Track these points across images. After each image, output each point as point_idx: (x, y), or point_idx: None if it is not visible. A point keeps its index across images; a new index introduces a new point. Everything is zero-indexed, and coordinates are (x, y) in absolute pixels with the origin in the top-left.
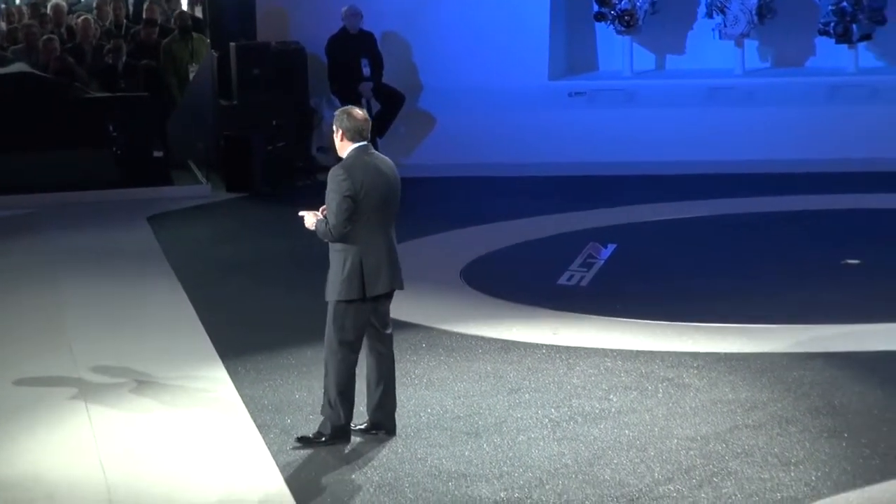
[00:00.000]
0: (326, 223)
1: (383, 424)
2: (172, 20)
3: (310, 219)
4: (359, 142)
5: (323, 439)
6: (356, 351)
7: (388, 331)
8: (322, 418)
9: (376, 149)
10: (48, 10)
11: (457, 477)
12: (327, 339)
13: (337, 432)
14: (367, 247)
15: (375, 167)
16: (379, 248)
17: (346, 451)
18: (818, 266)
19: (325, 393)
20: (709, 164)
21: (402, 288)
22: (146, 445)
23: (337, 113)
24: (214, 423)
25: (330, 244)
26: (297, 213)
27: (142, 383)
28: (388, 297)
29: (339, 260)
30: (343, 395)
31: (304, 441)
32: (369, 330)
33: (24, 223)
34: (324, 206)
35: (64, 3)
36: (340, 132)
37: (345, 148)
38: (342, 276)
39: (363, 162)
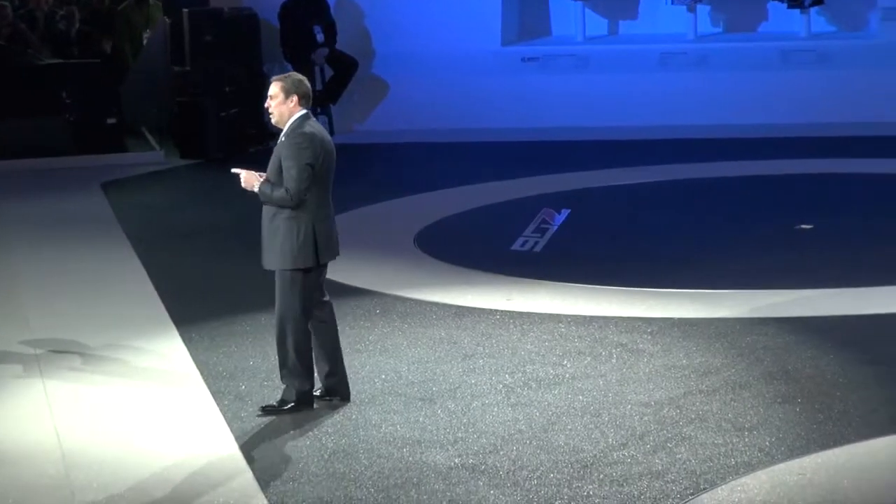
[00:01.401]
0: (274, 188)
1: (337, 391)
2: None
3: (248, 178)
4: (306, 108)
5: (287, 407)
6: (310, 317)
7: (327, 297)
8: (284, 387)
9: (329, 115)
10: None
11: (411, 443)
12: (281, 307)
13: (302, 398)
14: (318, 214)
15: (324, 135)
16: (328, 216)
17: (300, 418)
18: (771, 231)
19: (283, 362)
20: (661, 129)
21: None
22: (101, 413)
23: (287, 78)
24: (169, 389)
25: (273, 212)
26: (230, 169)
27: (96, 351)
28: (326, 265)
29: (290, 228)
30: (304, 361)
31: (268, 410)
32: None
33: None
34: (261, 174)
35: None
36: (295, 97)
37: (293, 113)
38: (295, 243)
39: (316, 129)
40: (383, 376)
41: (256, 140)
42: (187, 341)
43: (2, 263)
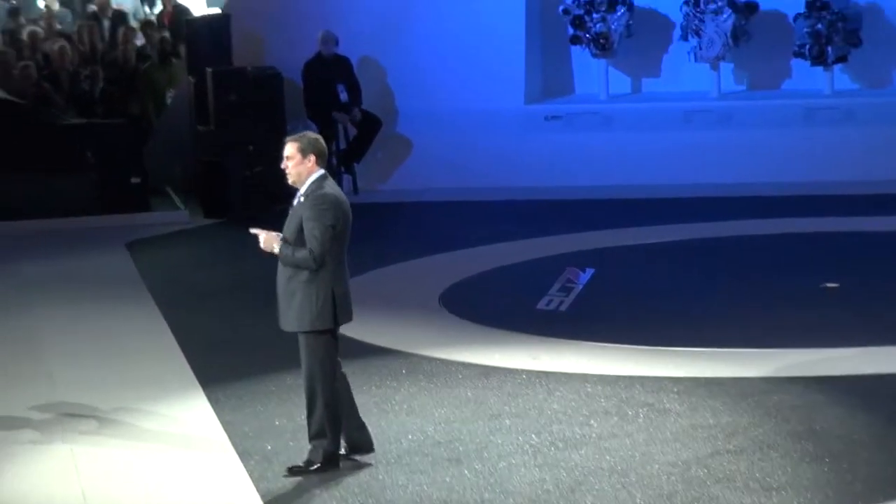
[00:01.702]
0: (296, 249)
1: (362, 445)
2: (150, 47)
3: (268, 240)
4: (323, 167)
5: (314, 467)
6: (336, 377)
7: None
8: (310, 447)
9: (353, 174)
10: (24, 37)
11: (438, 503)
12: (308, 369)
13: (329, 458)
14: (336, 276)
15: (342, 196)
16: (344, 278)
17: (327, 478)
18: (797, 289)
19: (312, 422)
20: (685, 187)
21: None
22: (127, 473)
23: (302, 137)
24: (195, 450)
25: (290, 273)
26: (249, 230)
27: (122, 410)
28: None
29: (308, 290)
30: (333, 421)
31: (294, 471)
32: None
33: (1, 250)
34: (278, 233)
35: (40, 30)
36: (313, 157)
37: (311, 172)
38: (314, 305)
39: (335, 190)
40: (410, 436)
41: (280, 199)
42: (213, 401)
43: (26, 323)
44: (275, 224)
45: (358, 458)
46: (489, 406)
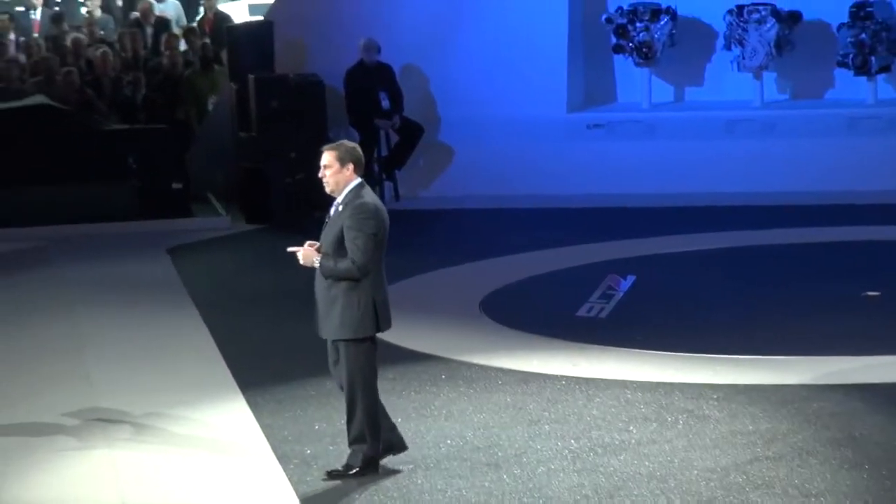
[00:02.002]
0: (337, 261)
1: (395, 444)
2: (192, 54)
3: (307, 255)
4: (360, 176)
5: (353, 472)
6: (376, 380)
7: None
8: (350, 452)
9: (395, 181)
10: (68, 44)
11: None
12: (349, 376)
13: (368, 462)
14: (376, 283)
15: (381, 204)
16: (384, 285)
17: (366, 482)
18: (838, 297)
19: (352, 427)
20: (727, 195)
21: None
22: (166, 476)
23: (340, 146)
24: (234, 453)
25: (331, 281)
26: (287, 249)
27: (161, 414)
28: None
29: (350, 298)
30: (373, 426)
31: (334, 474)
32: None
33: (43, 255)
34: (311, 243)
35: (84, 37)
36: (351, 166)
37: (348, 181)
38: (356, 313)
39: (374, 199)
40: (449, 441)
41: (322, 206)
42: (253, 406)
43: (68, 328)
44: (315, 231)
45: (392, 456)
46: (528, 412)
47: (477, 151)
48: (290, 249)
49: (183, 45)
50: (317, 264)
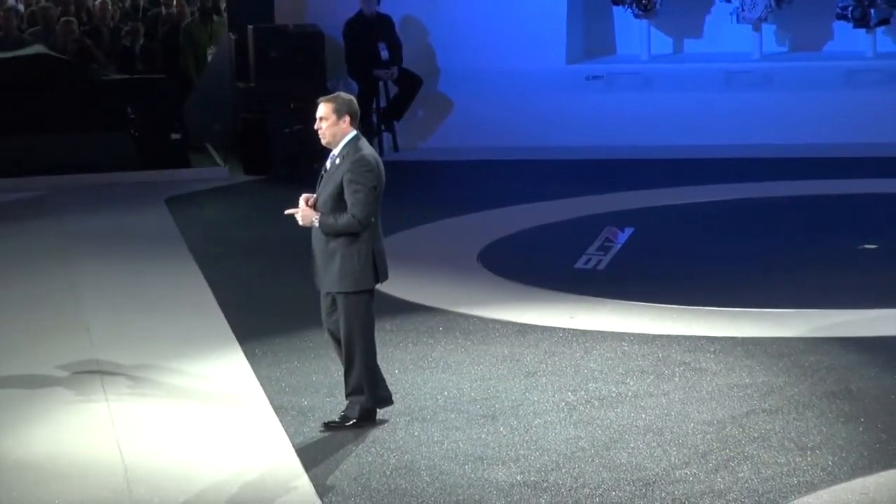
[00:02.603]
0: (337, 217)
1: (386, 398)
2: (191, 4)
3: (306, 215)
4: (356, 128)
5: (350, 423)
6: (374, 332)
7: None
8: (347, 403)
9: (393, 132)
10: None
11: (473, 460)
12: (347, 328)
13: (365, 415)
14: (374, 235)
15: (377, 156)
16: (380, 236)
17: (363, 434)
18: (835, 251)
19: (350, 379)
20: (726, 148)
21: None
22: (163, 426)
23: (336, 98)
24: (231, 404)
25: (326, 236)
26: (284, 212)
27: (159, 366)
28: None
29: (349, 250)
30: (371, 378)
31: (331, 426)
32: None
33: (41, 205)
34: (307, 196)
35: None
36: (347, 118)
37: (345, 133)
38: (356, 265)
39: (371, 151)
40: (446, 393)
41: (321, 156)
42: (250, 356)
43: (66, 278)
44: (313, 182)
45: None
46: (525, 364)
47: (476, 103)
48: (287, 212)
49: None
50: (316, 224)
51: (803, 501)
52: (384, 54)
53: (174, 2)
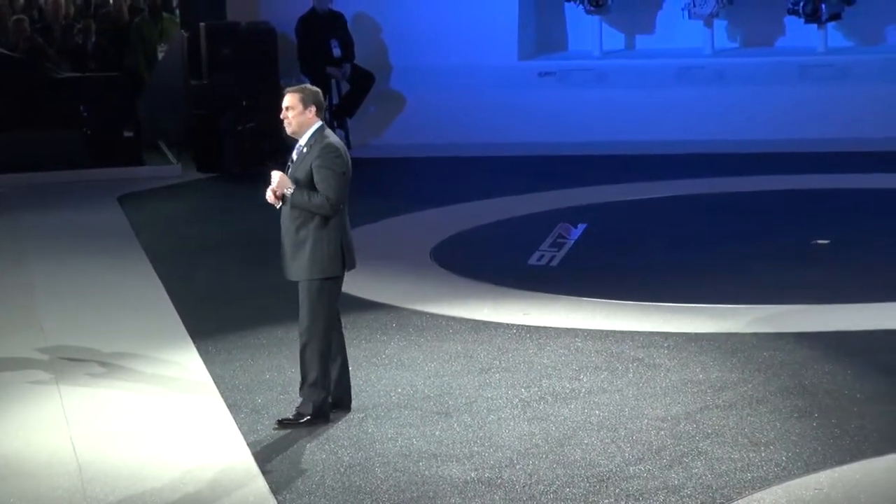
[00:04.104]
0: (312, 195)
1: (343, 402)
2: (142, 1)
3: (283, 181)
4: (321, 119)
5: (304, 420)
6: (334, 327)
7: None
8: (300, 400)
9: (346, 129)
10: None
11: (427, 457)
12: (308, 318)
13: (319, 412)
14: (342, 223)
15: (344, 146)
16: (348, 225)
17: (316, 431)
18: (788, 246)
19: (306, 374)
20: (678, 143)
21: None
22: (117, 424)
23: (303, 89)
24: (185, 402)
25: (299, 223)
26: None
27: (112, 363)
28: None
29: (319, 237)
30: (325, 372)
31: (284, 423)
32: None
33: None
34: (279, 172)
35: None
36: (313, 108)
37: (310, 123)
38: (325, 252)
39: (338, 140)
40: (399, 390)
41: (273, 154)
42: (203, 354)
43: (18, 275)
44: (268, 178)
45: (335, 411)
46: (479, 360)
47: (428, 99)
48: (273, 173)
49: None
50: (290, 192)
51: (757, 497)
52: (336, 51)
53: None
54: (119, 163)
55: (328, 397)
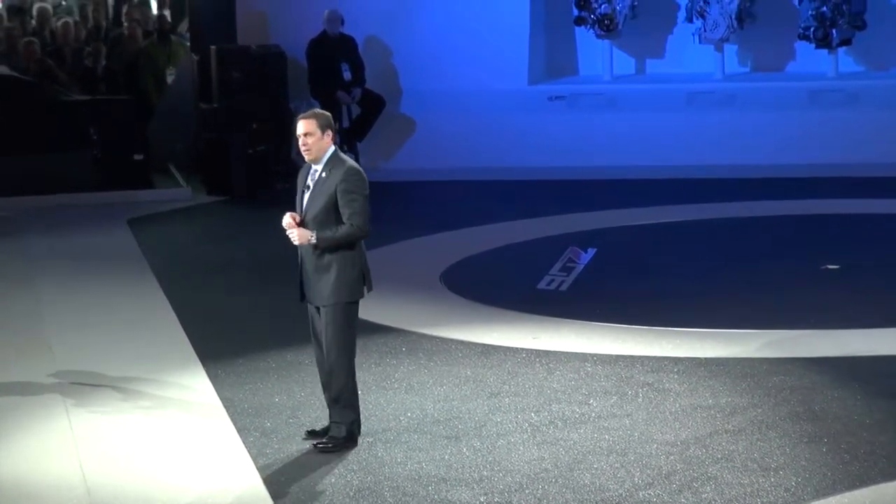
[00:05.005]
0: (336, 229)
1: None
2: (151, 24)
3: (302, 235)
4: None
5: (332, 446)
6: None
7: None
8: (330, 423)
9: (356, 153)
10: (33, 13)
11: (437, 481)
12: (335, 342)
13: (350, 434)
14: (362, 246)
15: None
16: (364, 248)
17: (327, 454)
18: (798, 270)
19: (336, 397)
20: (688, 168)
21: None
22: (126, 448)
23: (319, 115)
24: (194, 425)
25: (323, 249)
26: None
27: (122, 386)
28: None
29: (344, 261)
30: (355, 392)
31: (321, 448)
32: None
33: (3, 226)
34: (293, 214)
35: (49, 7)
36: (330, 133)
37: (327, 147)
38: (351, 276)
39: (354, 162)
40: (409, 414)
41: (283, 177)
42: (213, 377)
43: (28, 298)
44: (277, 204)
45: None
46: (488, 384)
47: (438, 123)
48: (287, 231)
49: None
50: (314, 241)
51: None
52: (347, 75)
53: (125, 24)
54: (128, 186)
55: (359, 417)
